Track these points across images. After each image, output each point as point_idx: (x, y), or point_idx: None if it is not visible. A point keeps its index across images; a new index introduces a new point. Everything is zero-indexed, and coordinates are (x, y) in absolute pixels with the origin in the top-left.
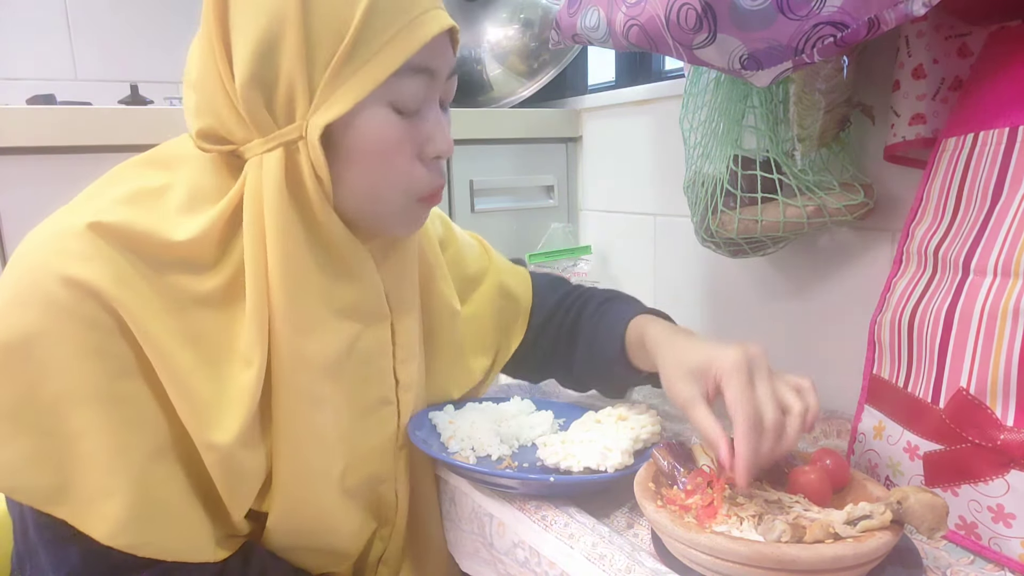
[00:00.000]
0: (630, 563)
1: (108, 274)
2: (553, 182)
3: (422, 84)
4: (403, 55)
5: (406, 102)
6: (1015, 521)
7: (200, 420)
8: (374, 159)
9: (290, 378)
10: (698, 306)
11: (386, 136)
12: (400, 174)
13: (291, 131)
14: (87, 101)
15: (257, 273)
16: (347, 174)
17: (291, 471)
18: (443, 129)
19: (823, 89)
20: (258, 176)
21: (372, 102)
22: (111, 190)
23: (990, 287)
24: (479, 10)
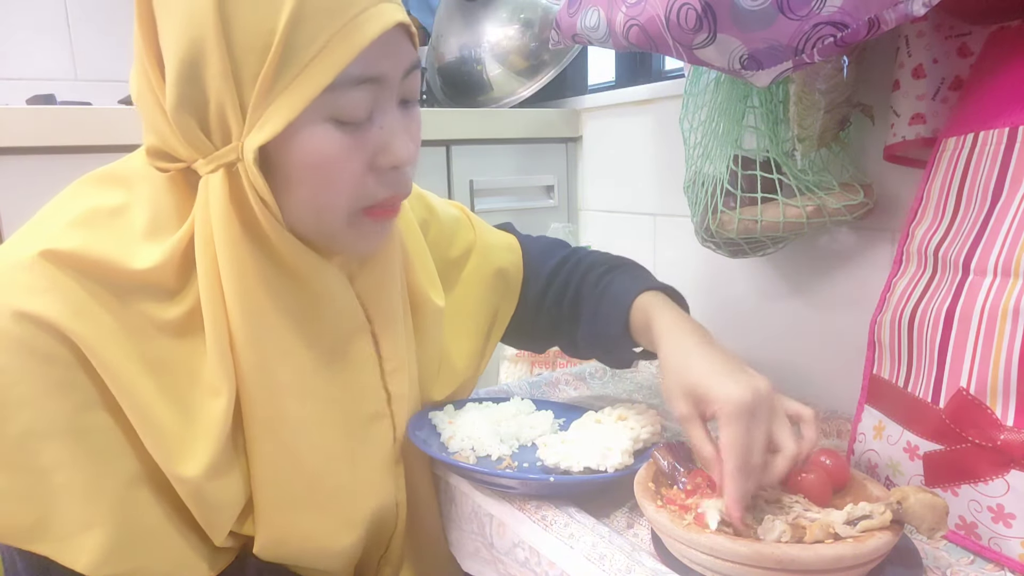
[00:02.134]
0: (630, 563)
1: (62, 305)
2: (553, 182)
3: (367, 93)
4: (337, 66)
5: (349, 114)
6: (1015, 521)
7: (167, 452)
8: (316, 177)
9: (261, 404)
10: (698, 306)
11: (326, 152)
12: (346, 189)
13: (228, 152)
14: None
15: (214, 299)
16: (290, 194)
17: (273, 498)
18: (400, 136)
19: (823, 89)
20: (205, 199)
21: (308, 119)
22: (64, 211)
23: (990, 287)
24: (479, 10)
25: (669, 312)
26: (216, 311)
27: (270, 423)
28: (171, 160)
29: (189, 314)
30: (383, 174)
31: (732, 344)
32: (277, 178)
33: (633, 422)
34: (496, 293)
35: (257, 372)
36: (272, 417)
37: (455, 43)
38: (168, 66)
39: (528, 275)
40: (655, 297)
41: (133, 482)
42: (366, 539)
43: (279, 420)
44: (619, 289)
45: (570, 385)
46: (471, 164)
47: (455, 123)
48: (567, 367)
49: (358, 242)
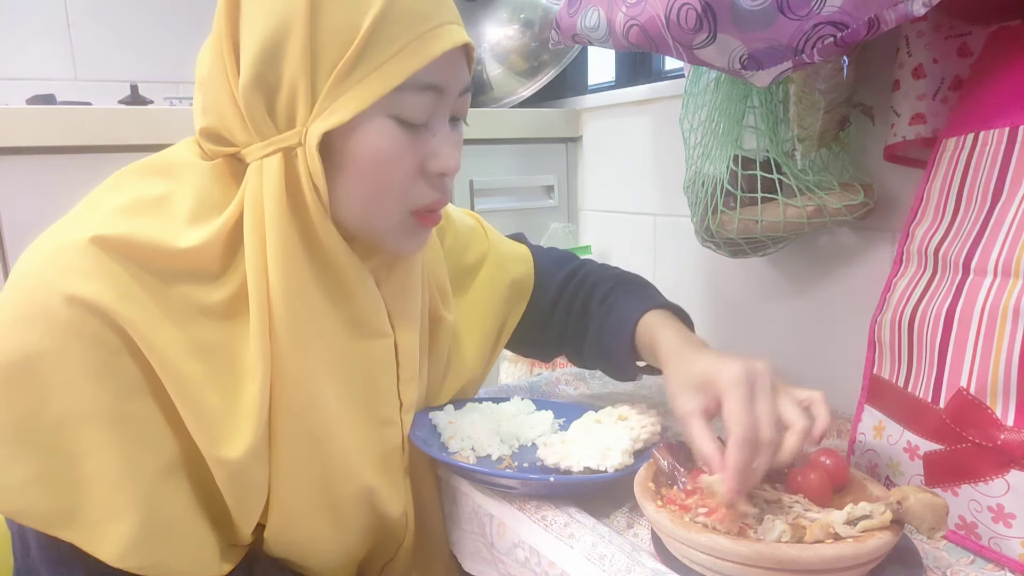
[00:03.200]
0: (630, 563)
1: (112, 290)
2: (553, 182)
3: (429, 99)
4: (409, 69)
5: (411, 116)
6: (1015, 521)
7: (210, 435)
8: (371, 170)
9: (292, 388)
10: (698, 306)
11: (385, 148)
12: (397, 186)
13: (290, 136)
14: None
15: (259, 282)
16: (344, 184)
17: (288, 485)
18: (450, 146)
19: (823, 89)
20: (258, 182)
21: (374, 113)
22: (111, 199)
23: (990, 287)
24: (479, 10)
25: (674, 330)
26: (260, 295)
27: (299, 408)
28: (224, 143)
29: (232, 298)
30: (430, 179)
31: (732, 344)
32: (333, 167)
33: (633, 422)
34: (507, 303)
35: (293, 355)
36: (302, 402)
37: None
38: (249, 46)
39: (538, 286)
40: (661, 316)
41: (164, 473)
42: (370, 541)
43: (308, 406)
44: (625, 306)
45: (570, 385)
46: (471, 164)
47: None
48: (567, 367)
49: (402, 241)
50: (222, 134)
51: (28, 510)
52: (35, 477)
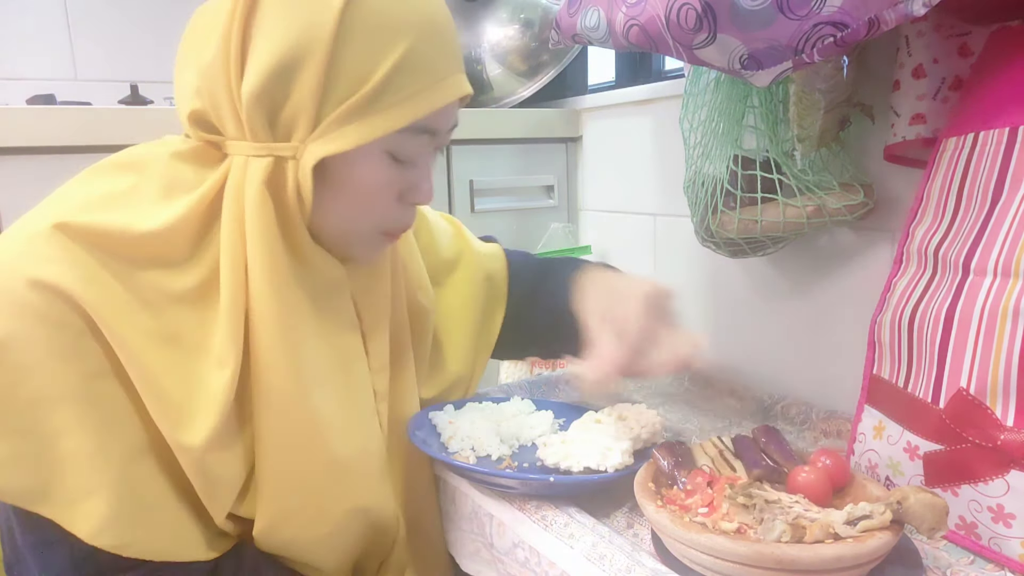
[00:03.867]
0: (630, 563)
1: (76, 275)
2: (553, 182)
3: (424, 141)
4: (415, 115)
5: (404, 154)
6: (1015, 521)
7: (171, 421)
8: (358, 197)
9: (276, 378)
10: (698, 306)
11: (376, 180)
12: (378, 213)
13: (285, 148)
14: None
15: (235, 271)
16: (327, 203)
17: (275, 481)
18: (429, 179)
19: (823, 89)
20: (242, 177)
21: (372, 147)
22: (78, 192)
23: (990, 287)
24: (479, 10)
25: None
26: (236, 285)
27: (282, 398)
28: (211, 131)
29: (200, 285)
30: (406, 207)
31: (732, 344)
32: (320, 186)
33: (633, 422)
34: (484, 297)
35: (276, 346)
36: (285, 392)
37: None
38: (262, 55)
39: (511, 282)
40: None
41: (138, 453)
42: (361, 537)
43: (291, 396)
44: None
45: (570, 385)
46: (471, 164)
47: None
48: (567, 367)
49: (365, 253)
50: (212, 121)
51: (5, 487)
52: (11, 456)
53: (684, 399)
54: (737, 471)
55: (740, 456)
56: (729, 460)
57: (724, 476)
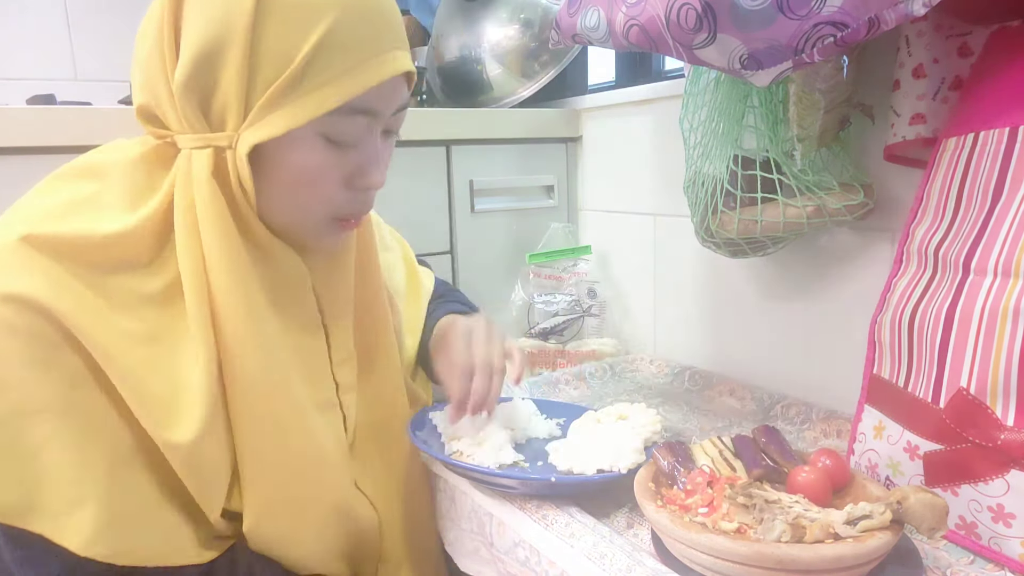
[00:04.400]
0: (630, 563)
1: (46, 285)
2: (553, 182)
3: (361, 123)
4: (345, 96)
5: (340, 137)
6: (1015, 521)
7: (157, 420)
8: (299, 183)
9: (238, 372)
10: (698, 306)
11: (312, 165)
12: (322, 199)
13: (221, 138)
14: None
15: (194, 267)
16: (270, 189)
17: (256, 471)
18: (378, 162)
19: (823, 89)
20: (187, 169)
21: (304, 131)
22: (41, 202)
23: (990, 287)
24: (479, 10)
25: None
26: (197, 276)
27: (250, 390)
28: (158, 125)
29: (169, 285)
30: (355, 192)
31: (732, 344)
32: (261, 173)
33: (633, 421)
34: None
35: (239, 339)
36: (253, 384)
37: (455, 43)
38: (188, 44)
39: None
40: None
41: (122, 460)
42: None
43: (262, 389)
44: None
45: (570, 385)
46: (471, 164)
47: (455, 123)
48: (567, 367)
49: (322, 240)
50: (156, 115)
51: None
52: None
53: (684, 399)
54: (737, 471)
55: (740, 456)
56: (729, 460)
57: (724, 476)
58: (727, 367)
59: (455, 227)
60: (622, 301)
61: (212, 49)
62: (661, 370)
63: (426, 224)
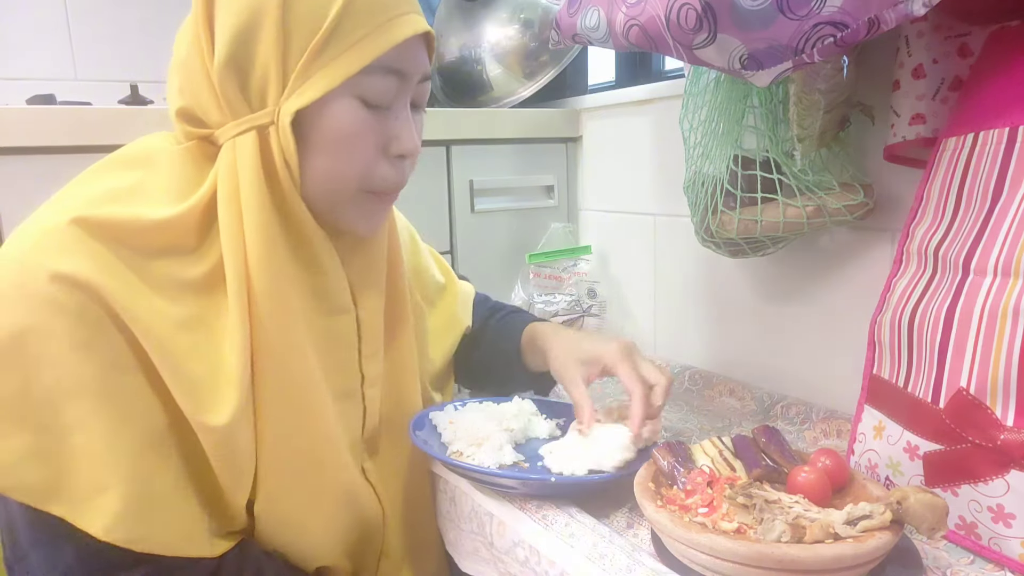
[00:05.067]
0: (630, 563)
1: (94, 266)
2: (553, 182)
3: (392, 83)
4: (374, 52)
5: (375, 97)
6: (1015, 521)
7: (196, 403)
8: (338, 147)
9: (273, 355)
10: (698, 306)
11: (352, 126)
12: (361, 165)
13: (263, 116)
14: (87, 101)
15: (236, 255)
16: (312, 161)
17: (274, 454)
18: (410, 129)
19: (823, 89)
20: (232, 158)
21: (341, 93)
22: (88, 189)
23: (990, 287)
24: (479, 10)
25: (551, 324)
26: (238, 265)
27: (280, 378)
28: (198, 124)
29: (210, 272)
30: (391, 161)
31: (732, 344)
32: (303, 145)
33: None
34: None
35: (273, 325)
36: (283, 372)
37: (455, 43)
38: (223, 28)
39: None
40: (540, 322)
41: (151, 446)
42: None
43: (288, 376)
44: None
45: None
46: (471, 164)
47: (455, 123)
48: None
49: (359, 220)
50: (197, 115)
51: (18, 485)
52: (26, 452)
53: (684, 399)
54: (737, 471)
55: (740, 456)
56: (729, 460)
57: (724, 476)
58: (727, 367)
59: (455, 227)
60: (622, 301)
61: (247, 26)
62: None
63: (426, 224)
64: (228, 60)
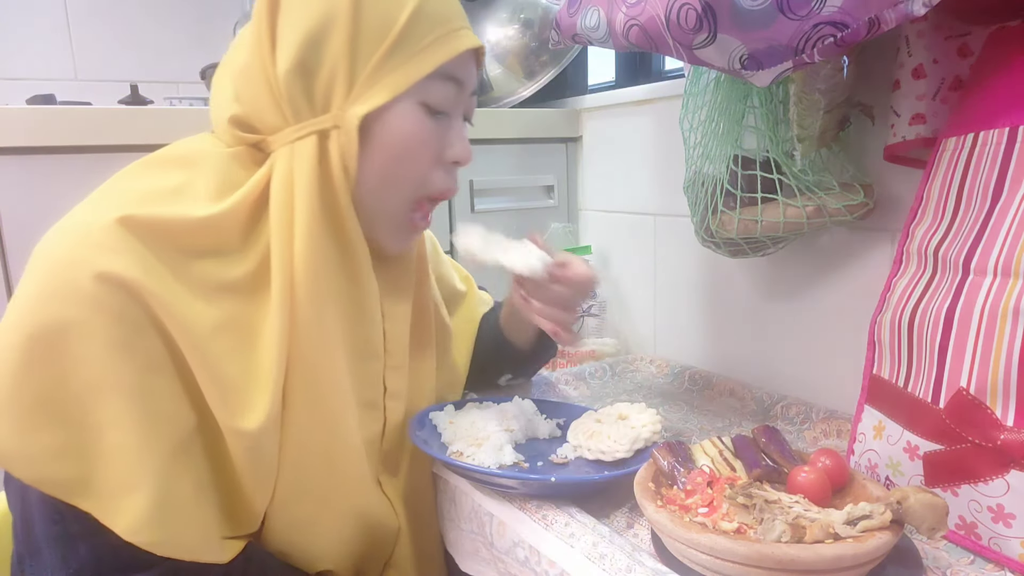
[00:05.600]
0: (630, 563)
1: (138, 267)
2: (553, 182)
3: (451, 91)
4: (439, 59)
5: (436, 103)
6: (1015, 521)
7: (230, 407)
8: (400, 152)
9: (305, 366)
10: (698, 306)
11: (414, 132)
12: (419, 170)
13: (326, 120)
14: (87, 101)
15: (284, 258)
16: (370, 165)
17: (295, 456)
18: (464, 138)
19: (823, 89)
20: (288, 165)
21: (406, 98)
22: (132, 185)
23: (990, 287)
24: (479, 10)
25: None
26: (284, 270)
27: (309, 381)
28: (251, 131)
29: (251, 274)
30: (446, 168)
31: (732, 344)
32: (363, 149)
33: (634, 421)
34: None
35: (311, 332)
36: (312, 375)
37: None
38: (292, 34)
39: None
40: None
41: (182, 449)
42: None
43: (318, 382)
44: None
45: (570, 385)
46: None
47: None
48: (567, 367)
49: (395, 234)
50: (252, 122)
51: (48, 478)
52: (58, 447)
53: (684, 399)
54: (737, 471)
55: (740, 456)
56: (729, 460)
57: (724, 476)
58: (727, 367)
59: (455, 227)
60: (622, 301)
61: (317, 31)
62: (661, 370)
63: None
64: (296, 64)
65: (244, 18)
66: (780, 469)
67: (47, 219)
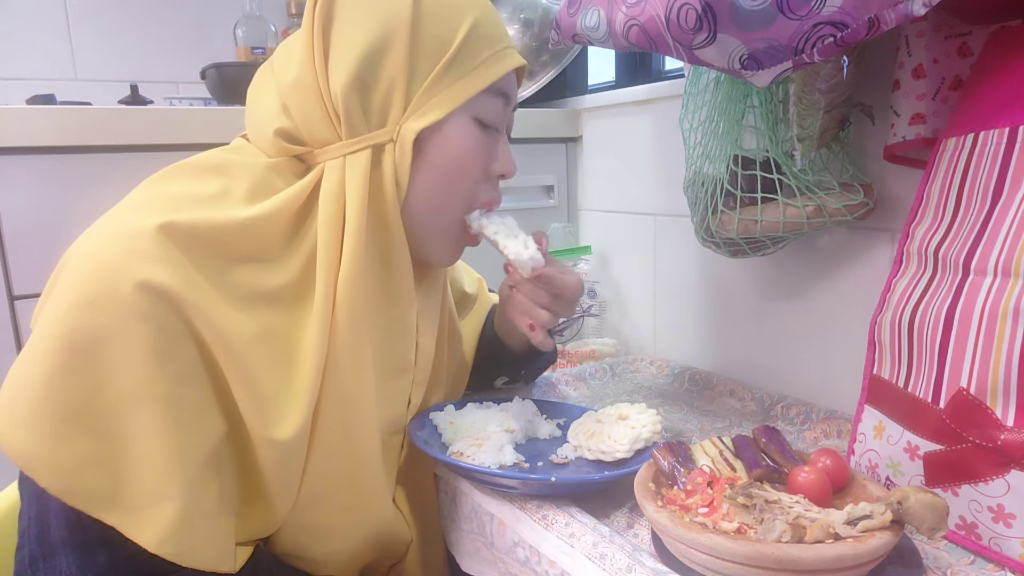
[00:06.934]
0: (631, 563)
1: (179, 277)
2: (553, 182)
3: (500, 105)
4: (492, 76)
5: (487, 118)
6: (1015, 521)
7: (265, 418)
8: (454, 166)
9: (340, 378)
10: (698, 306)
11: (469, 146)
12: (469, 186)
13: (382, 135)
14: (87, 101)
15: (329, 269)
16: (423, 179)
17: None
18: (509, 152)
19: (823, 89)
20: (339, 177)
21: (461, 113)
22: (171, 189)
23: (990, 287)
24: None
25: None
26: (328, 282)
27: (340, 393)
28: (297, 143)
29: (291, 284)
30: (492, 182)
31: (732, 344)
32: (417, 164)
33: (634, 421)
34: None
35: (348, 344)
36: (343, 387)
37: None
38: (350, 48)
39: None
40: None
41: (210, 460)
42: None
43: (347, 392)
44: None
45: (570, 385)
46: None
47: None
48: (567, 367)
49: (445, 248)
50: (300, 136)
51: (75, 490)
52: (89, 458)
53: (684, 399)
54: (737, 471)
55: (740, 456)
56: (729, 460)
57: (724, 476)
58: (727, 367)
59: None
60: (622, 301)
61: (376, 48)
62: (661, 370)
63: None
64: (354, 79)
65: (244, 18)
66: (780, 469)
67: (47, 219)
